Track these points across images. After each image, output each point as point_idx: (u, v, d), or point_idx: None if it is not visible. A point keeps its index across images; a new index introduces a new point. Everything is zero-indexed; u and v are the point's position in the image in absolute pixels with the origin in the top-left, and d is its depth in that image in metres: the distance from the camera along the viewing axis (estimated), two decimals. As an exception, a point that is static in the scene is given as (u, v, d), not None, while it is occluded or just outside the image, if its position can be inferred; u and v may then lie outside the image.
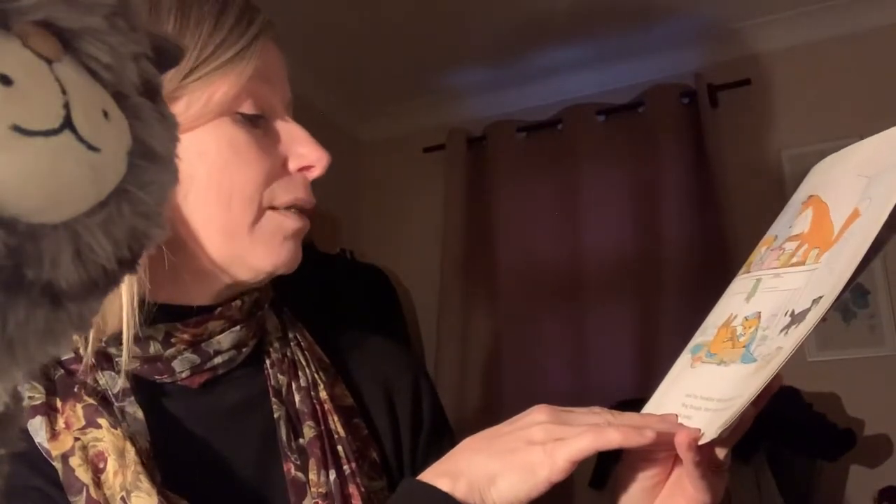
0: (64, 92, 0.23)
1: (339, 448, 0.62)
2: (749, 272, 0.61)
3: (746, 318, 0.57)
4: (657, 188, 2.26)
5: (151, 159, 0.27)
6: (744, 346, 0.55)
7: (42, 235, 0.23)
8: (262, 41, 0.60)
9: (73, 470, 0.54)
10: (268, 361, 0.65)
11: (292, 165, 0.62)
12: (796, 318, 0.52)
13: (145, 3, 0.58)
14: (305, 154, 0.62)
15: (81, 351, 0.57)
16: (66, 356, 0.59)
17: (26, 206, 0.22)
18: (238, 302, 0.63)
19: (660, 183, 2.25)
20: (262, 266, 0.61)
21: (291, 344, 0.68)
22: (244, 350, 0.64)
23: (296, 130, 0.63)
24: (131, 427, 0.57)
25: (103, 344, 0.58)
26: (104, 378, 0.58)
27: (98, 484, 0.54)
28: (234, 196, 0.59)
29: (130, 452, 0.55)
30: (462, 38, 2.26)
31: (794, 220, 0.60)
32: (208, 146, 0.58)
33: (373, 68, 2.38)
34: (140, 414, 0.58)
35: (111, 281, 0.26)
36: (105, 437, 0.55)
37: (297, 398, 0.64)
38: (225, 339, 0.62)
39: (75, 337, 0.57)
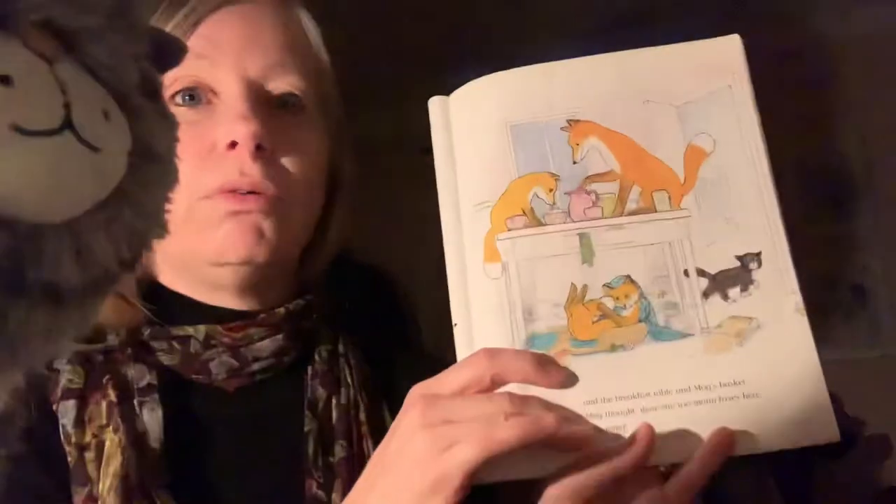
0: (64, 92, 0.23)
1: None
2: (536, 225, 0.50)
3: (610, 287, 0.49)
4: (657, 188, 2.26)
5: (152, 159, 0.27)
6: (640, 321, 0.48)
7: (42, 235, 0.23)
8: (197, 13, 0.57)
9: (85, 464, 0.54)
10: (310, 371, 0.63)
11: (220, 146, 0.57)
12: (724, 279, 0.48)
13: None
14: (227, 130, 0.56)
15: (116, 339, 0.58)
16: (112, 341, 0.58)
17: (26, 207, 0.22)
18: (282, 309, 0.61)
19: (660, 183, 2.26)
20: (205, 254, 0.58)
21: (340, 359, 0.65)
22: (285, 359, 0.62)
23: (230, 105, 0.57)
24: (147, 425, 0.56)
25: (145, 335, 0.58)
26: (133, 370, 0.58)
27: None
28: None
29: (115, 461, 0.54)
30: (462, 37, 2.26)
31: (565, 152, 0.52)
32: None
33: (372, 68, 2.38)
34: (159, 413, 0.57)
35: (111, 281, 0.26)
36: (108, 441, 0.55)
37: (334, 415, 0.62)
38: (265, 347, 0.60)
39: (115, 323, 0.58)
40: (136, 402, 0.57)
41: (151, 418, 0.57)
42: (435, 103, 0.59)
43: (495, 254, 0.51)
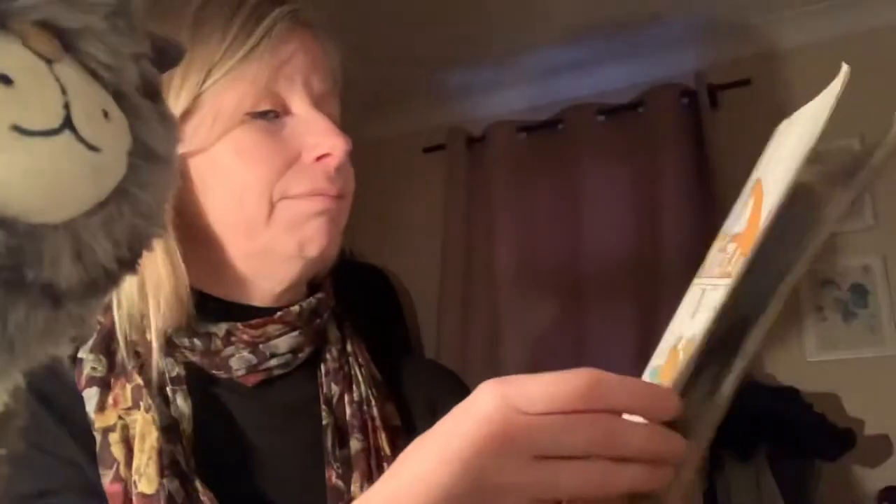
0: (64, 92, 0.23)
1: (385, 465, 0.63)
2: (699, 278, 0.49)
3: (687, 341, 0.45)
4: (657, 188, 2.26)
5: (151, 159, 0.27)
6: None
7: (42, 235, 0.23)
8: (275, 36, 0.60)
9: (109, 445, 0.57)
10: (323, 369, 0.67)
11: (307, 157, 0.61)
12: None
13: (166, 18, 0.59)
14: (318, 143, 0.61)
15: (148, 336, 0.61)
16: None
17: (26, 207, 0.22)
18: (297, 307, 0.64)
19: (660, 183, 2.25)
20: (288, 249, 0.61)
21: (350, 358, 0.69)
22: (300, 355, 0.65)
23: (313, 120, 0.62)
24: (179, 410, 0.60)
25: (170, 332, 0.61)
26: (163, 363, 0.61)
27: (129, 464, 0.57)
28: (244, 194, 0.60)
29: (150, 437, 0.57)
30: (462, 37, 2.26)
31: (740, 212, 0.47)
32: (218, 154, 0.60)
33: (373, 68, 2.38)
34: (189, 402, 0.61)
35: (111, 281, 0.26)
36: (139, 420, 0.58)
37: (347, 410, 0.66)
38: (282, 343, 0.64)
39: (146, 322, 0.61)
40: (168, 389, 0.60)
41: (184, 405, 0.60)
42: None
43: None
